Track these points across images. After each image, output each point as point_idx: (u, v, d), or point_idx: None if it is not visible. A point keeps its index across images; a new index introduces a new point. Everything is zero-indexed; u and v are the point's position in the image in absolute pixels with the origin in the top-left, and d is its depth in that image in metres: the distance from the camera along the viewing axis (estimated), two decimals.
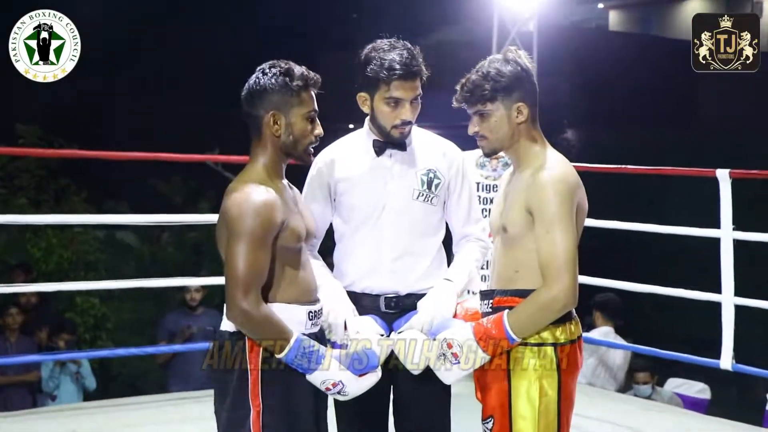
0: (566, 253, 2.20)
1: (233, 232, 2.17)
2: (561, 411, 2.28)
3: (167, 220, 4.95)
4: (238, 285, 2.15)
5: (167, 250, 9.67)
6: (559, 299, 2.20)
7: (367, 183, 2.58)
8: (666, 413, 4.64)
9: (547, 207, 2.23)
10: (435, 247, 2.64)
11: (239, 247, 2.16)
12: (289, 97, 2.27)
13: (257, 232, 2.16)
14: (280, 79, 2.26)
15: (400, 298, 2.58)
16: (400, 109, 2.51)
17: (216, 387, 2.28)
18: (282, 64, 2.29)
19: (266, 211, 2.17)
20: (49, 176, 9.40)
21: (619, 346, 5.33)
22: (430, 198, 2.60)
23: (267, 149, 2.29)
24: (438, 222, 2.64)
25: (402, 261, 2.58)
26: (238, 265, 2.15)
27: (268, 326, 2.18)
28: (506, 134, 2.35)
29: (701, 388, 5.45)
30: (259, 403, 2.19)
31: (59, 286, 5.74)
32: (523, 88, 2.33)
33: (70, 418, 4.13)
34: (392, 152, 2.59)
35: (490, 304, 2.35)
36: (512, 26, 6.69)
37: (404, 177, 2.59)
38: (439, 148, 2.65)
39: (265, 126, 2.27)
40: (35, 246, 8.44)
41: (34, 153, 8.70)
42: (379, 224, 2.58)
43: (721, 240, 4.08)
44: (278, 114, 2.27)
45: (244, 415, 2.20)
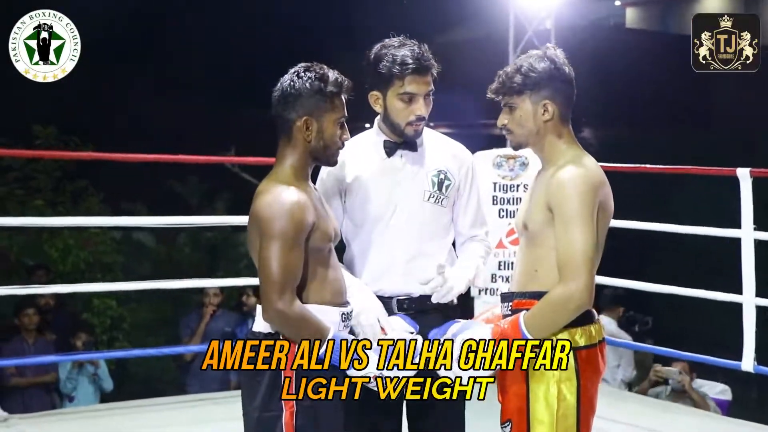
0: (584, 251, 2.18)
1: (266, 234, 2.17)
2: (580, 416, 2.24)
3: (183, 222, 4.95)
4: (274, 286, 2.15)
5: (184, 251, 9.69)
6: (574, 298, 2.17)
7: (377, 184, 2.56)
8: (687, 415, 4.59)
9: (566, 205, 2.20)
10: (446, 249, 2.63)
11: (273, 248, 2.16)
12: (322, 103, 2.27)
13: (290, 232, 2.16)
14: (315, 84, 2.26)
15: (412, 299, 2.56)
16: (414, 104, 2.50)
17: (246, 386, 2.27)
18: (317, 68, 2.29)
19: (298, 212, 2.18)
20: (66, 178, 9.44)
21: (641, 347, 5.29)
22: (440, 199, 2.58)
23: (296, 152, 2.28)
24: (448, 223, 2.63)
25: (414, 262, 2.56)
26: (273, 267, 2.15)
27: (305, 325, 2.18)
28: (531, 130, 2.33)
29: (722, 389, 5.40)
30: (292, 404, 2.19)
31: (76, 288, 5.75)
32: (553, 86, 2.31)
33: (87, 420, 4.15)
34: (403, 153, 2.57)
35: (509, 306, 2.33)
36: (529, 25, 6.65)
37: (415, 178, 2.57)
38: (449, 149, 2.64)
39: (297, 130, 2.27)
40: (52, 247, 8.47)
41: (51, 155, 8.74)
42: (391, 226, 2.56)
43: (741, 240, 4.03)
44: (311, 119, 2.27)
45: (276, 416, 2.20)
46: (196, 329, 6.04)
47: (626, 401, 4.69)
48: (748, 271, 4.03)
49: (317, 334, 2.18)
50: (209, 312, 6.03)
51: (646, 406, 4.66)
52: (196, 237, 9.59)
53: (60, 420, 4.19)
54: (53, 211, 8.80)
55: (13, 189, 9.05)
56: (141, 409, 4.39)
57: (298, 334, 2.18)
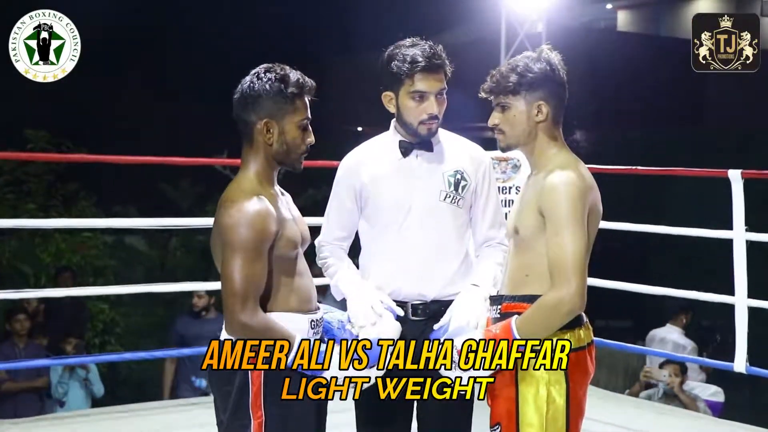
0: (575, 256, 2.17)
1: (228, 245, 2.13)
2: (570, 419, 2.24)
3: (175, 224, 4.94)
4: (236, 298, 2.11)
5: (176, 254, 9.67)
6: (565, 302, 2.16)
7: (392, 184, 2.54)
8: (678, 417, 4.59)
9: (557, 209, 2.20)
10: (462, 252, 2.59)
11: (235, 259, 2.11)
12: (283, 105, 2.21)
13: (251, 243, 2.12)
14: (275, 86, 2.20)
15: (427, 304, 2.53)
16: (426, 102, 2.48)
17: (216, 396, 2.24)
18: (278, 68, 2.24)
19: (260, 222, 2.13)
20: (58, 181, 9.41)
21: (632, 348, 5.29)
22: (456, 200, 2.55)
23: (259, 156, 2.23)
24: (465, 225, 2.60)
25: (429, 265, 2.53)
26: (235, 278, 2.11)
27: (269, 335, 2.14)
28: (524, 131, 2.32)
29: (714, 391, 5.40)
30: (261, 414, 2.16)
31: (67, 292, 5.73)
32: (547, 87, 2.30)
33: (77, 425, 4.12)
34: (418, 153, 2.55)
35: (498, 309, 2.32)
36: (520, 28, 6.66)
37: (431, 178, 2.55)
38: (466, 150, 2.61)
39: (258, 133, 2.22)
40: (44, 251, 8.45)
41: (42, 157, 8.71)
42: (405, 226, 2.53)
43: (733, 241, 4.03)
44: (271, 122, 2.21)
45: (245, 425, 2.17)
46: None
47: (617, 403, 4.68)
48: (740, 272, 4.03)
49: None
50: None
51: (637, 408, 4.66)
52: (187, 241, 9.57)
53: (49, 425, 4.16)
54: (45, 215, 8.78)
55: (5, 193, 9.03)
56: (131, 413, 4.37)
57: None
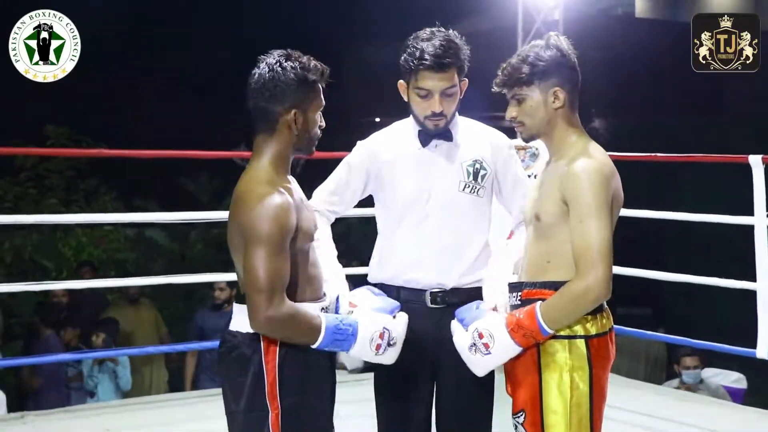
0: (601, 243, 2.17)
1: (251, 240, 2.08)
2: (593, 404, 2.24)
3: (196, 218, 4.98)
4: (262, 294, 2.06)
5: (196, 247, 9.72)
6: (592, 290, 2.16)
7: (411, 173, 2.53)
8: (701, 404, 4.58)
9: (582, 197, 2.19)
10: (482, 241, 2.58)
11: (260, 254, 2.06)
12: (308, 93, 2.20)
13: (276, 237, 2.07)
14: (300, 74, 2.18)
15: (446, 293, 2.53)
16: (430, 100, 2.46)
17: (228, 388, 2.21)
18: (297, 56, 2.21)
19: (283, 216, 2.09)
20: (79, 176, 9.49)
21: (654, 336, 5.28)
22: (476, 189, 2.54)
23: (278, 144, 2.21)
24: (485, 214, 2.59)
25: (449, 254, 2.52)
26: (260, 274, 2.06)
27: (296, 324, 2.12)
28: (543, 119, 2.31)
29: (737, 378, 5.39)
30: (277, 405, 2.13)
31: (88, 284, 5.79)
32: (561, 73, 2.30)
33: (103, 416, 4.16)
34: (438, 143, 2.53)
35: (519, 296, 2.32)
36: (537, 15, 6.64)
37: (449, 168, 2.53)
38: (485, 137, 2.59)
39: (284, 123, 2.20)
40: (66, 245, 8.53)
41: (63, 153, 8.79)
42: (424, 216, 2.52)
43: (755, 227, 4.02)
44: (298, 111, 2.19)
45: (263, 416, 2.14)
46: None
47: (642, 391, 4.68)
48: (762, 258, 4.01)
49: (309, 332, 2.13)
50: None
51: (661, 395, 4.65)
52: (207, 234, 9.62)
53: (76, 417, 4.20)
54: (67, 209, 8.86)
55: (27, 189, 9.12)
56: (157, 404, 4.41)
57: (291, 335, 2.12)
